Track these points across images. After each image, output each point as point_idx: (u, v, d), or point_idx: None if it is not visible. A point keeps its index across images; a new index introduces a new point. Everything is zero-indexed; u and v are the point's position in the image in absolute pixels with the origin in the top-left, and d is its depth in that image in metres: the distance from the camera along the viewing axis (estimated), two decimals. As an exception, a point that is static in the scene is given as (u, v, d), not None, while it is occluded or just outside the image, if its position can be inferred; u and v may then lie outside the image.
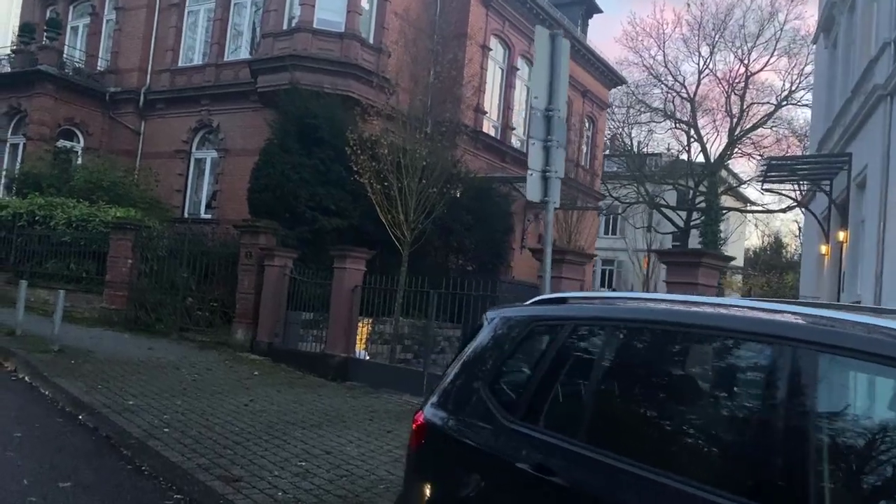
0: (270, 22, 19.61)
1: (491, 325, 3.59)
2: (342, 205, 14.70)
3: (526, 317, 3.46)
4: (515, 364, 3.44)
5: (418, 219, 14.29)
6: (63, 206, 17.06)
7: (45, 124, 21.87)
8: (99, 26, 24.25)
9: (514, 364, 3.44)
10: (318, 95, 15.38)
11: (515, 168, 25.12)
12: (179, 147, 22.26)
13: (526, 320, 3.43)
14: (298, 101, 14.98)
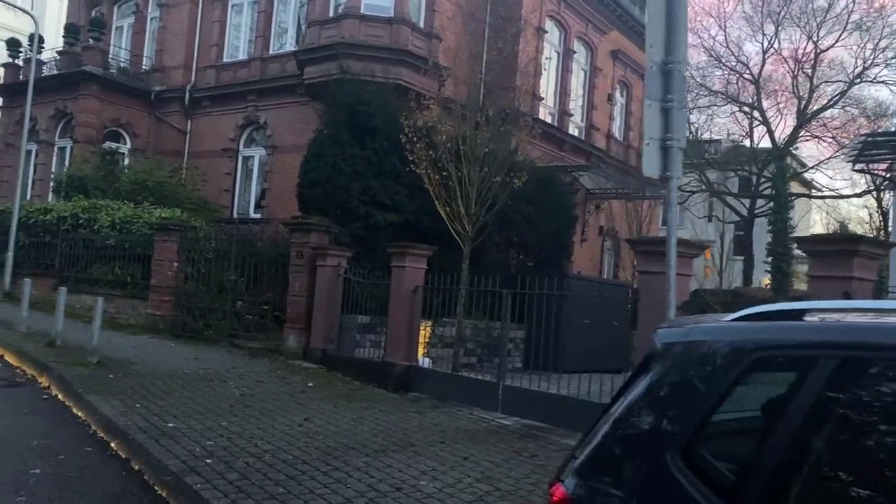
0: (316, 9, 18.51)
1: (670, 355, 2.26)
2: (397, 198, 13.49)
3: (739, 342, 2.11)
4: (729, 421, 2.11)
5: (479, 211, 13.00)
6: (107, 208, 16.24)
7: (91, 126, 21.20)
8: (143, 25, 23.54)
9: (726, 421, 2.11)
10: (367, 84, 14.19)
11: (573, 157, 23.64)
12: (226, 145, 21.37)
13: (741, 348, 2.09)
14: (348, 88, 13.81)
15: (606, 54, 25.94)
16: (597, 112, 25.47)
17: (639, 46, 27.85)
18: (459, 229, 12.78)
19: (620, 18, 26.23)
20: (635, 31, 27.33)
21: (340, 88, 13.99)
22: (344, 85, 14.03)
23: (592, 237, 25.15)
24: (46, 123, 22.24)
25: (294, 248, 12.48)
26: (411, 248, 10.61)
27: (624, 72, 27.17)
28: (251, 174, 21.50)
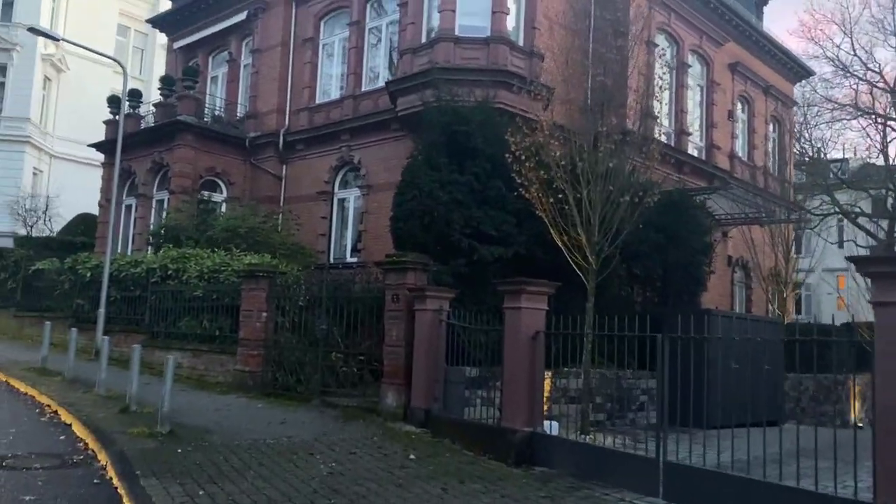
0: (408, 37, 17.06)
1: None
2: (504, 229, 11.52)
3: None
4: None
5: (603, 239, 10.84)
6: (196, 257, 15.08)
7: (186, 176, 20.45)
8: (237, 73, 22.91)
9: None
10: (465, 105, 12.45)
11: (694, 179, 21.06)
12: (321, 188, 20.11)
13: None
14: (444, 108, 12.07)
15: (724, 67, 23.36)
16: (717, 130, 22.84)
17: (759, 58, 25.10)
18: (581, 262, 10.65)
19: (737, 28, 23.64)
20: (754, 41, 24.66)
21: (435, 109, 12.26)
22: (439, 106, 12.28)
23: (721, 268, 22.24)
24: (144, 177, 21.74)
25: (389, 291, 10.68)
26: (528, 284, 8.54)
27: (744, 86, 24.43)
28: (347, 217, 20.11)
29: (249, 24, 22.14)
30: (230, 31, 22.74)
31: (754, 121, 25.05)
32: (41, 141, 33.98)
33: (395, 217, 11.74)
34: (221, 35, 23.05)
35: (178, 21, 24.85)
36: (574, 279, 10.73)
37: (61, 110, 34.77)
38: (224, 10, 22.91)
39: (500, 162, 10.93)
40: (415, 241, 11.14)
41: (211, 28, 23.23)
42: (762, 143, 25.47)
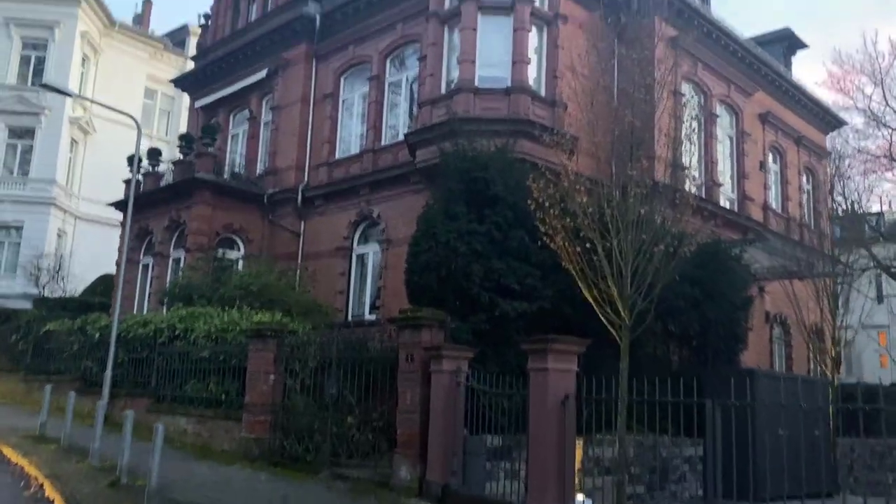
0: (427, 90, 16.53)
1: None
2: (528, 282, 10.59)
3: None
4: None
5: (637, 293, 9.85)
6: (206, 315, 14.30)
7: (202, 234, 19.90)
8: (257, 130, 22.59)
9: None
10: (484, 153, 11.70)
11: (727, 232, 20.01)
12: (340, 244, 19.41)
13: None
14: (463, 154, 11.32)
15: (753, 117, 22.53)
16: (749, 181, 21.86)
17: (789, 108, 24.28)
18: (613, 317, 9.66)
19: (766, 78, 22.89)
20: (783, 90, 23.89)
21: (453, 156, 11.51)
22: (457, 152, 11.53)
23: (758, 325, 20.95)
24: (161, 235, 21.24)
25: (403, 351, 9.74)
26: (555, 342, 7.58)
27: (775, 136, 23.54)
28: (366, 273, 19.33)
29: (270, 82, 21.90)
30: (251, 90, 22.52)
31: (787, 172, 24.06)
32: (66, 202, 33.98)
33: (409, 270, 10.89)
34: (242, 93, 22.84)
35: (200, 81, 24.78)
36: (605, 337, 9.72)
37: (87, 172, 34.87)
38: (245, 68, 22.75)
39: (523, 210, 10.08)
40: (431, 296, 10.24)
41: (232, 87, 23.05)
42: (796, 194, 24.42)
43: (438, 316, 9.60)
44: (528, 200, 10.04)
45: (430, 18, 16.71)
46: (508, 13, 15.91)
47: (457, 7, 16.18)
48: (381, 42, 19.45)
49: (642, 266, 9.78)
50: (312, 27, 20.85)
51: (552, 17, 16.39)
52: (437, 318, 9.57)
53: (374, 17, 19.54)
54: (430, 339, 9.54)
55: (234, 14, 24.31)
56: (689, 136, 18.07)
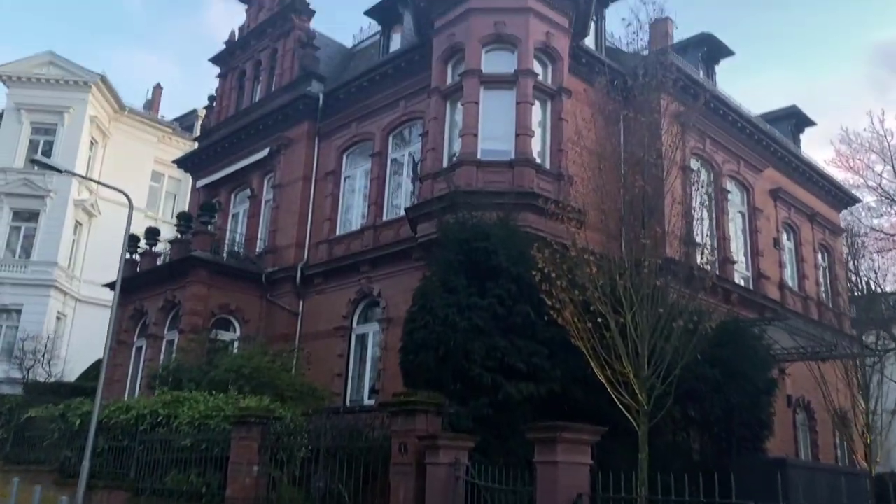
0: (429, 164, 16.00)
1: None
2: (535, 361, 9.64)
3: None
4: None
5: (654, 375, 8.88)
6: (191, 401, 13.30)
7: (197, 314, 19.07)
8: (258, 208, 22.09)
9: None
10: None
11: (743, 311, 19.02)
12: (339, 324, 18.52)
13: None
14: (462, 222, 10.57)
15: (765, 193, 21.91)
16: (763, 259, 21.02)
17: (800, 184, 23.70)
18: (629, 401, 8.66)
19: (776, 154, 22.41)
20: (794, 167, 23.37)
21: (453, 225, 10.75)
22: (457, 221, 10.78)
23: (780, 409, 19.61)
24: (156, 316, 20.42)
25: (395, 440, 8.70)
26: (565, 430, 6.57)
27: (788, 213, 22.84)
28: (366, 354, 18.36)
29: (272, 161, 21.55)
30: (253, 168, 22.17)
31: (802, 249, 23.24)
32: (67, 285, 33.37)
33: (404, 348, 9.95)
34: (244, 172, 22.49)
35: (203, 161, 24.53)
36: (620, 423, 8.72)
37: (90, 254, 34.38)
38: (247, 147, 22.48)
39: (527, 283, 9.26)
40: (428, 377, 9.29)
41: (234, 166, 22.73)
42: (812, 272, 23.51)
43: (435, 400, 8.62)
44: (532, 272, 9.24)
45: (432, 94, 16.36)
46: (511, 87, 15.52)
47: (459, 82, 15.83)
48: (384, 119, 19.14)
49: (660, 344, 8.86)
50: (315, 106, 20.62)
51: (555, 90, 15.99)
52: (434, 402, 8.59)
53: (377, 94, 19.29)
54: (425, 427, 8.52)
55: (239, 95, 24.26)
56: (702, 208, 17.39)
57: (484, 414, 9.19)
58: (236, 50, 24.41)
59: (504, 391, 9.24)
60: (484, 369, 9.31)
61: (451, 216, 14.35)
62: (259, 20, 23.65)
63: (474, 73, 15.44)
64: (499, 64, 15.81)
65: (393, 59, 18.87)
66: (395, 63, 18.69)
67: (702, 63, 22.05)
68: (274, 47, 22.99)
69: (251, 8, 24.54)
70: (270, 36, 23.10)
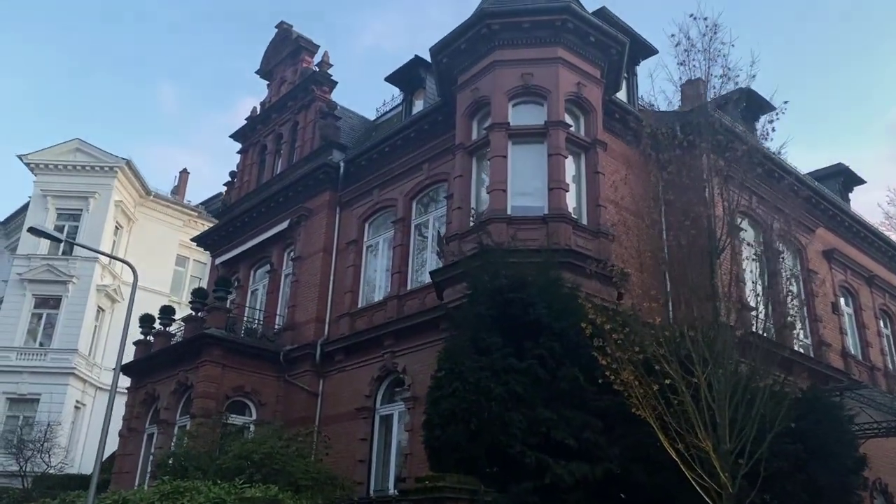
0: (455, 224, 14.68)
1: None
2: (587, 436, 7.92)
3: None
4: None
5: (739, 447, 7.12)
6: (192, 491, 11.60)
7: (210, 397, 17.50)
8: (277, 283, 20.83)
9: None
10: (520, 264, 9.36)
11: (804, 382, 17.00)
12: (361, 404, 16.84)
13: None
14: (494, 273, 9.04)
15: (818, 255, 20.15)
16: (823, 325, 19.08)
17: (855, 245, 21.90)
18: (708, 483, 6.89)
19: (826, 213, 20.78)
20: (846, 226, 21.65)
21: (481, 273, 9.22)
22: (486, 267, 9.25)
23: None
24: (168, 400, 18.89)
25: (420, 536, 6.96)
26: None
27: (844, 275, 20.99)
28: (391, 438, 16.57)
29: (291, 233, 20.44)
30: (272, 242, 21.06)
31: (862, 315, 21.23)
32: (87, 372, 32.19)
33: (428, 422, 8.25)
34: (263, 246, 21.37)
35: (222, 238, 23.54)
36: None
37: (112, 340, 33.24)
38: (267, 221, 21.46)
39: (573, 341, 7.71)
40: (459, 457, 7.59)
41: (253, 240, 21.65)
42: (876, 339, 21.41)
43: (468, 484, 6.92)
44: (581, 325, 7.67)
45: (456, 151, 15.21)
46: (541, 139, 14.32)
47: (485, 136, 14.68)
48: (407, 184, 18.02)
49: (741, 411, 7.16)
50: (336, 174, 19.64)
51: (590, 143, 14.74)
52: (467, 486, 6.89)
53: (400, 159, 18.27)
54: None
55: (260, 170, 23.49)
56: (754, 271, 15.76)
57: (528, 502, 7.42)
58: (257, 125, 23.81)
59: (552, 473, 7.49)
60: (526, 446, 7.60)
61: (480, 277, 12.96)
62: (280, 94, 23.10)
63: (501, 125, 14.30)
64: (527, 117, 14.68)
65: (415, 122, 17.90)
66: (418, 126, 17.71)
67: (741, 119, 20.79)
68: (295, 120, 22.30)
69: (273, 83, 24.08)
70: (291, 109, 22.46)
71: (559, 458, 7.65)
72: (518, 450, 7.51)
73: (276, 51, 23.88)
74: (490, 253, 10.82)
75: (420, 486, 6.97)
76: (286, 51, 23.42)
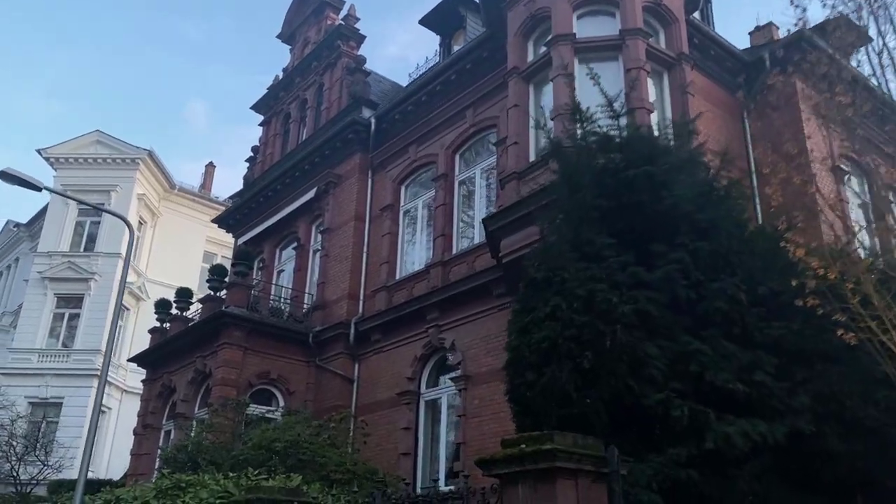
0: (512, 161, 11.95)
1: None
2: (760, 379, 5.09)
3: None
4: None
5: None
6: (196, 486, 9.02)
7: (230, 384, 14.99)
8: (305, 260, 18.29)
9: None
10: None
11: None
12: (403, 388, 14.20)
13: None
14: (602, 143, 6.20)
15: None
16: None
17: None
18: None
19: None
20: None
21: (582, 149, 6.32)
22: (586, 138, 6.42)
23: None
24: (185, 391, 16.42)
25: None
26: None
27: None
28: (439, 426, 13.89)
29: (319, 203, 17.92)
30: (298, 214, 18.54)
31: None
32: (112, 375, 29.92)
33: (514, 362, 5.37)
34: (289, 220, 18.88)
35: (244, 216, 21.11)
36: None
37: (138, 341, 31.10)
38: (291, 193, 18.97)
39: (731, 238, 4.87)
40: (563, 412, 4.80)
41: (278, 215, 19.18)
42: None
43: (590, 449, 4.19)
44: (736, 220, 4.91)
45: (509, 78, 12.53)
46: (615, 54, 11.55)
47: (545, 55, 11.97)
48: (448, 136, 15.38)
49: None
50: (367, 134, 17.08)
51: (674, 58, 11.95)
52: (589, 452, 4.16)
53: (439, 108, 15.64)
54: (575, 501, 4.06)
55: (284, 141, 21.05)
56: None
57: (676, 476, 4.64)
58: (279, 92, 21.41)
59: (715, 434, 4.70)
60: (675, 393, 4.81)
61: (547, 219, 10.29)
62: (304, 56, 20.68)
63: (565, 37, 11.57)
64: (595, 29, 11.96)
65: (457, 62, 15.24)
66: (460, 66, 15.07)
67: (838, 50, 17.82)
68: (320, 82, 19.84)
69: (295, 46, 21.69)
70: (316, 70, 20.01)
71: (724, 411, 4.86)
72: (658, 399, 4.74)
73: (299, 10, 21.50)
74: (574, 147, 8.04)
75: (511, 452, 4.22)
76: (309, 9, 21.02)
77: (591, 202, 5.43)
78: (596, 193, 5.43)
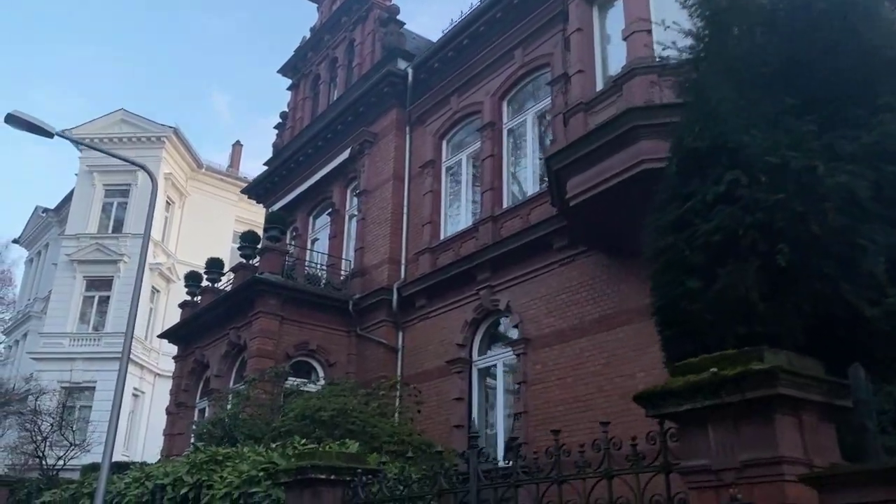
0: (577, 91, 10.42)
1: None
2: None
3: None
4: None
5: None
6: (234, 458, 7.76)
7: (266, 356, 13.78)
8: (340, 226, 17.00)
9: None
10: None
11: None
12: (453, 355, 12.87)
13: None
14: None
15: None
16: None
17: None
18: None
19: None
20: None
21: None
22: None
23: None
24: (218, 366, 15.28)
25: (693, 482, 2.83)
26: None
27: None
28: (495, 395, 12.55)
29: (354, 164, 16.59)
30: (332, 178, 17.25)
31: None
32: (145, 358, 29.13)
33: (665, 267, 3.73)
34: (322, 185, 17.59)
35: (275, 185, 19.87)
36: None
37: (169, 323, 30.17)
38: (324, 156, 17.68)
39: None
40: (742, 331, 3.39)
41: (309, 180, 17.91)
42: None
43: (812, 370, 2.79)
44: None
45: (570, 1, 11.02)
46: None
47: (611, -30, 10.46)
48: (495, 81, 13.91)
49: None
50: (404, 86, 15.67)
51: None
52: (816, 374, 2.76)
53: (483, 51, 14.16)
54: (801, 447, 2.66)
55: (314, 104, 19.74)
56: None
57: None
58: (307, 52, 20.07)
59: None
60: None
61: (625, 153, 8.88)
62: (332, 11, 19.30)
63: (637, -55, 10.03)
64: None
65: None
66: (506, 1, 13.57)
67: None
68: (350, 38, 18.46)
69: (322, 4, 20.31)
70: (346, 25, 18.63)
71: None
72: (887, 310, 3.29)
73: (326, -36, 20.13)
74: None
75: (700, 381, 2.78)
76: (337, -39, 19.63)
77: (762, 40, 3.91)
78: (768, 33, 3.94)
